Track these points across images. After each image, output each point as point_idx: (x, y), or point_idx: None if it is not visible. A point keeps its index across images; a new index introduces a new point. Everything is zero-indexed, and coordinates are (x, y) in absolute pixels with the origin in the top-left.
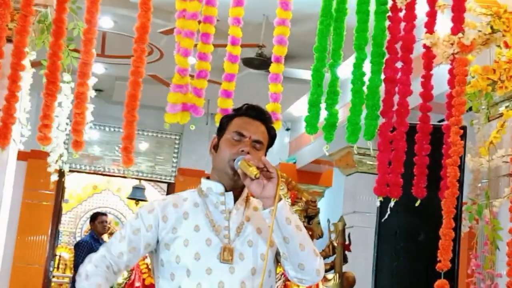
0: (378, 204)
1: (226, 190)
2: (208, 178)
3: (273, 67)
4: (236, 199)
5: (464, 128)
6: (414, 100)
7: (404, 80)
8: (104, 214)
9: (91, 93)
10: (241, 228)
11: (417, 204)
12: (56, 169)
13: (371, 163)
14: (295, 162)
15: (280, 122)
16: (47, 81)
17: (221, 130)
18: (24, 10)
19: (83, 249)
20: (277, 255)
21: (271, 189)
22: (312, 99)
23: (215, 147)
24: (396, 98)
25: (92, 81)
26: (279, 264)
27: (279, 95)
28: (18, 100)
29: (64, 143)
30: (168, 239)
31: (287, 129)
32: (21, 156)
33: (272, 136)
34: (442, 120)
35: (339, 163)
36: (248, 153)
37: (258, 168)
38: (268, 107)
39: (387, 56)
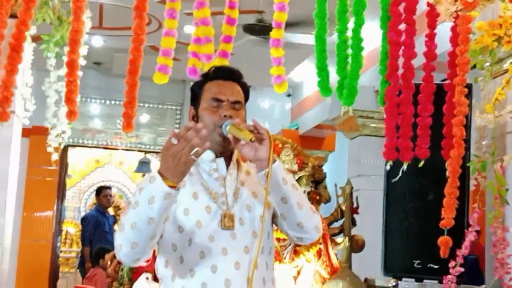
0: (387, 168)
1: (217, 156)
2: None
3: (274, 33)
4: (227, 164)
5: (469, 86)
6: (417, 60)
7: (408, 42)
8: (109, 188)
9: (82, 61)
10: (237, 193)
11: (420, 164)
12: (56, 146)
13: (374, 125)
14: (297, 128)
15: (287, 83)
16: (10, 50)
17: (195, 99)
18: None
19: (89, 223)
20: (273, 217)
21: (264, 151)
22: (319, 65)
23: (194, 118)
24: (400, 61)
25: (84, 50)
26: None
27: (282, 59)
28: (17, 72)
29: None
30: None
31: (288, 95)
32: (23, 132)
33: (246, 91)
34: (445, 80)
35: (343, 126)
36: (230, 116)
37: (249, 130)
38: (273, 71)
39: (390, 18)
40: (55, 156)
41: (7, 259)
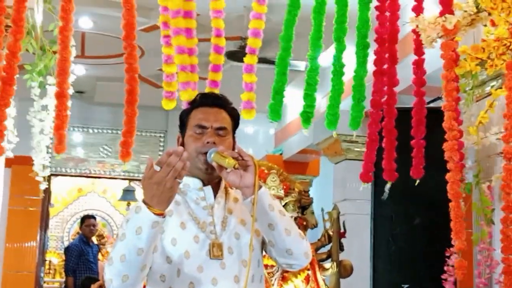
0: (370, 190)
1: (204, 184)
2: None
3: (247, 59)
4: (215, 192)
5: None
6: (402, 84)
7: (391, 71)
8: (92, 217)
9: (70, 91)
10: (225, 221)
11: (416, 183)
12: (44, 175)
13: (359, 149)
14: (281, 153)
15: (254, 111)
16: (2, 84)
17: (182, 127)
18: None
19: (73, 253)
20: (262, 244)
21: (249, 178)
22: (276, 87)
23: (181, 145)
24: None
25: (71, 79)
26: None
27: (253, 85)
28: (9, 105)
29: (47, 147)
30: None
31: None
32: (5, 162)
33: (235, 118)
34: (431, 102)
35: (327, 151)
36: (214, 142)
37: (233, 158)
38: (243, 97)
39: (374, 47)
40: (43, 186)
41: None
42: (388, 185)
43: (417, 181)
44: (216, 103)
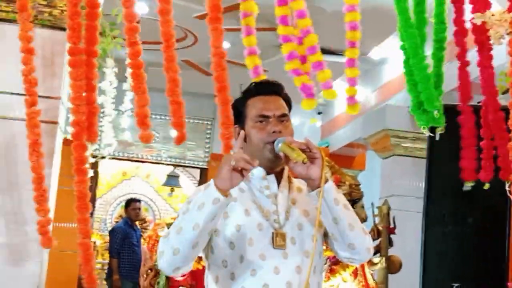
0: (465, 189)
1: (268, 173)
2: None
3: (348, 52)
4: (278, 181)
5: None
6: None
7: (485, 63)
8: (138, 201)
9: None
10: (289, 211)
11: (486, 187)
12: (92, 162)
13: (407, 145)
14: (327, 146)
15: (359, 105)
16: (133, 72)
17: (240, 118)
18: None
19: (118, 235)
20: (324, 236)
21: (316, 171)
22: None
23: (242, 136)
24: None
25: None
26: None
27: (356, 79)
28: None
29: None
30: (219, 223)
31: (319, 113)
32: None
33: (290, 104)
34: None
35: (375, 146)
36: (280, 132)
37: (301, 150)
38: (347, 92)
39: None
40: (90, 173)
41: (45, 269)
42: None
43: (487, 185)
44: (273, 91)
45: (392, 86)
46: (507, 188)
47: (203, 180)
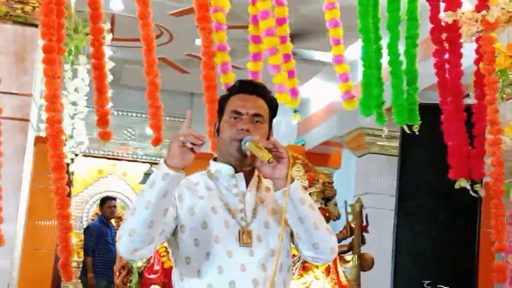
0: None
1: (236, 171)
2: (215, 160)
3: (334, 50)
4: (247, 180)
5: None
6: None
7: (454, 61)
8: (114, 199)
9: (109, 77)
10: (256, 210)
11: (457, 186)
12: (72, 158)
13: (382, 144)
14: (303, 144)
15: (356, 100)
16: (95, 70)
17: (220, 112)
18: None
19: (93, 233)
20: (291, 235)
21: (282, 170)
22: (365, 81)
23: (217, 131)
24: None
25: (108, 66)
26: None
27: (348, 75)
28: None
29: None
30: (185, 220)
31: (295, 111)
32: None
33: (273, 108)
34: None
35: (350, 144)
36: (248, 130)
37: (268, 149)
38: (341, 88)
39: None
40: (71, 168)
41: (17, 268)
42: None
43: (458, 183)
44: (255, 91)
45: None
46: (468, 187)
47: None
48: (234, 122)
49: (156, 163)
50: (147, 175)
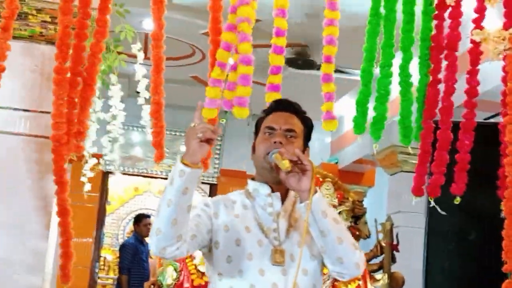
0: (431, 204)
1: (273, 191)
2: (253, 179)
3: (324, 67)
4: (283, 199)
5: None
6: (460, 98)
7: (448, 78)
8: (148, 216)
9: (145, 95)
10: (289, 230)
11: (457, 201)
12: (90, 176)
13: (415, 162)
14: (337, 162)
15: (336, 121)
16: (84, 84)
17: (256, 132)
18: (82, 13)
19: (128, 251)
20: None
21: (306, 182)
22: (360, 99)
23: (253, 149)
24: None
25: (143, 84)
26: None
27: (333, 94)
28: (90, 106)
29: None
30: (219, 236)
31: None
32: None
33: (308, 127)
34: (491, 117)
35: (383, 162)
36: (281, 143)
37: (291, 161)
38: (323, 108)
39: (431, 54)
40: (87, 187)
41: (48, 285)
42: (431, 201)
43: (458, 198)
44: (288, 109)
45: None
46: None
47: (213, 195)
48: (268, 138)
49: None
50: None
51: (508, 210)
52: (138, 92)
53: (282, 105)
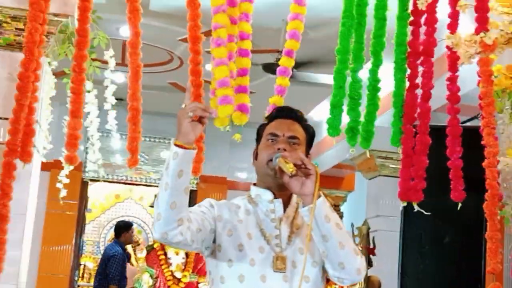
0: (401, 208)
1: (275, 197)
2: (255, 185)
3: (283, 61)
4: (285, 206)
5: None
6: (438, 101)
7: (425, 83)
8: (132, 224)
9: (112, 101)
10: (291, 236)
11: (458, 208)
12: (65, 183)
13: (393, 166)
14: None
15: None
16: (73, 94)
17: (258, 139)
18: (32, 18)
19: (119, 262)
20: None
21: (309, 186)
22: (334, 101)
23: (255, 156)
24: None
25: (111, 89)
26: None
27: (285, 89)
28: (81, 115)
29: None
30: (222, 239)
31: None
32: (44, 166)
33: (310, 134)
34: (467, 121)
35: (361, 167)
36: (284, 149)
37: (295, 165)
38: (271, 100)
39: (408, 60)
40: (63, 193)
41: None
42: (416, 208)
43: (459, 205)
44: (291, 116)
45: None
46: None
47: (192, 202)
48: (271, 144)
49: None
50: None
51: (489, 212)
52: (119, 99)
53: (285, 112)
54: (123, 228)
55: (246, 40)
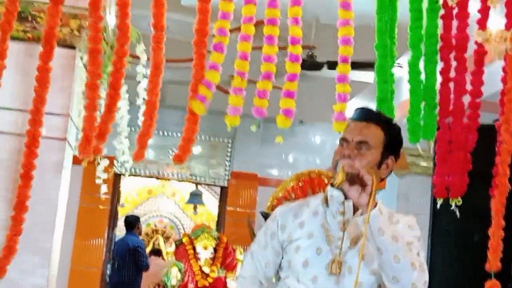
0: (438, 205)
1: (346, 198)
2: (332, 185)
3: (340, 68)
4: (356, 209)
5: None
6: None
7: (458, 79)
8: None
9: (143, 96)
10: (355, 240)
11: (459, 203)
12: (105, 178)
13: (424, 164)
14: None
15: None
16: (110, 89)
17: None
18: (93, 16)
19: (144, 251)
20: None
21: (364, 198)
22: (380, 96)
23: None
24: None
25: (142, 85)
26: None
27: (347, 95)
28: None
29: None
30: (285, 244)
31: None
32: (78, 160)
33: (390, 135)
34: (497, 120)
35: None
36: (349, 156)
37: (353, 174)
38: (335, 108)
39: (440, 54)
40: (104, 188)
41: (53, 285)
42: (453, 204)
43: (459, 199)
44: (363, 117)
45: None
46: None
47: (223, 198)
48: (341, 149)
49: (202, 183)
50: (193, 195)
51: (495, 208)
52: None
53: (358, 115)
54: (137, 219)
55: (297, 45)
